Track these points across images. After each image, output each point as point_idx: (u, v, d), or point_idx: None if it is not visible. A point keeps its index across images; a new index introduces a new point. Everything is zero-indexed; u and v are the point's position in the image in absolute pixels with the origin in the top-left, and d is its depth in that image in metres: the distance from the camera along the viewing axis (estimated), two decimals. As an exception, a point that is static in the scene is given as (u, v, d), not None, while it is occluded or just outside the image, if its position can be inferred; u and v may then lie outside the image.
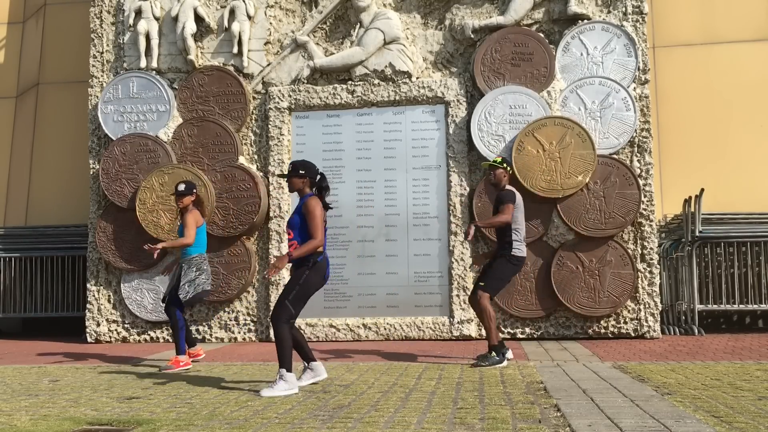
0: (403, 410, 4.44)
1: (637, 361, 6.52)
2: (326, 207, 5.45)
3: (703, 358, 6.65)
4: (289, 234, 5.37)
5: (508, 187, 6.76)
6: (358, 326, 8.66)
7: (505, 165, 6.75)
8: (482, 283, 6.62)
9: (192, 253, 7.00)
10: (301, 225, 5.33)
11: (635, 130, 8.44)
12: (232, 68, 9.22)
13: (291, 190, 5.54)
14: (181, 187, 7.06)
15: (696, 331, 8.66)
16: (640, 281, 8.31)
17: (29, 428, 4.14)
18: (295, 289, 5.26)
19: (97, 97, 9.46)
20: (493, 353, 6.42)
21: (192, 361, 6.98)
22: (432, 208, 8.76)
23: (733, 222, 9.08)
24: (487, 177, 6.92)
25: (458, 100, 8.75)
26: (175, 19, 9.24)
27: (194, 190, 7.14)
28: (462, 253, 8.55)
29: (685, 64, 9.84)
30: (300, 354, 5.53)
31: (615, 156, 8.41)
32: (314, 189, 5.48)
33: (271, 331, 8.72)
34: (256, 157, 9.17)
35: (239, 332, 8.97)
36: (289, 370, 5.22)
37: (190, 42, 9.14)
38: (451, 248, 8.61)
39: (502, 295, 8.43)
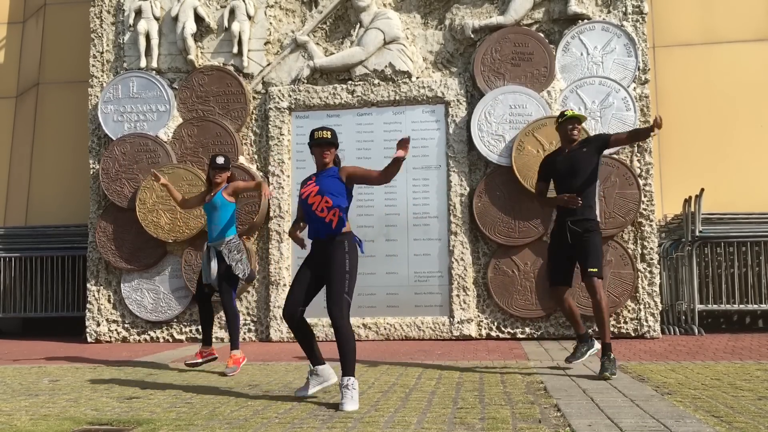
0: (403, 410, 4.44)
1: (637, 361, 6.52)
2: None
3: (703, 358, 6.65)
4: (328, 202, 4.73)
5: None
6: (358, 326, 8.64)
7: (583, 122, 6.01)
8: (594, 269, 5.57)
9: (229, 235, 6.48)
10: (342, 190, 4.84)
11: (635, 130, 8.43)
12: (232, 68, 9.22)
13: (323, 162, 4.88)
14: (221, 159, 6.54)
15: (696, 331, 8.66)
16: (640, 281, 8.31)
17: (29, 428, 4.14)
18: (347, 279, 4.74)
19: (97, 97, 9.46)
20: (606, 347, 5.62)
21: (205, 361, 6.61)
22: (432, 208, 8.76)
23: (733, 222, 9.08)
24: (567, 131, 5.86)
25: (458, 100, 8.75)
26: (175, 19, 9.24)
27: (230, 166, 6.70)
28: (462, 253, 8.55)
29: (685, 64, 9.84)
30: (311, 354, 4.98)
31: (615, 156, 8.41)
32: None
33: (272, 332, 8.77)
34: (256, 157, 9.17)
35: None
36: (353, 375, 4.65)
37: (190, 42, 9.14)
38: (451, 248, 8.61)
39: (503, 295, 8.44)
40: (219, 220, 6.49)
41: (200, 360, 6.61)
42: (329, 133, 4.90)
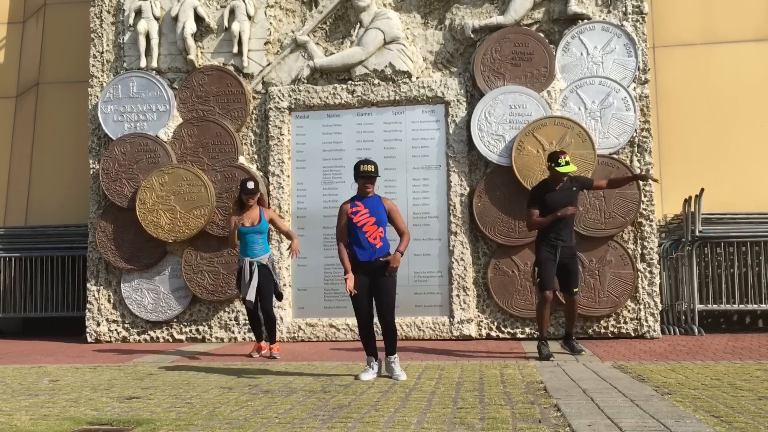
0: (403, 410, 4.44)
1: (637, 361, 6.53)
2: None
3: (703, 358, 6.65)
4: (382, 233, 5.87)
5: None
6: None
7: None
8: (577, 290, 7.15)
9: (268, 250, 7.55)
10: (386, 220, 5.96)
11: (635, 130, 8.44)
12: (232, 68, 9.22)
13: (366, 192, 5.89)
14: (251, 184, 7.41)
15: (696, 331, 8.66)
16: (640, 281, 8.31)
17: (29, 428, 4.14)
18: (395, 287, 5.96)
19: (97, 97, 9.46)
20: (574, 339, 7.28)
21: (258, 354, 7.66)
22: (432, 208, 8.75)
23: (733, 222, 9.08)
24: (560, 177, 6.95)
25: (458, 100, 8.75)
26: (175, 18, 9.24)
27: (258, 189, 7.57)
28: (462, 253, 8.55)
29: (685, 64, 9.83)
30: (373, 349, 6.05)
31: (615, 156, 8.41)
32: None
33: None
34: (256, 157, 9.17)
35: (239, 332, 8.97)
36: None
37: (190, 42, 9.14)
38: (451, 248, 8.61)
39: (503, 295, 8.45)
40: (263, 239, 7.48)
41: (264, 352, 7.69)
42: (372, 167, 5.91)
